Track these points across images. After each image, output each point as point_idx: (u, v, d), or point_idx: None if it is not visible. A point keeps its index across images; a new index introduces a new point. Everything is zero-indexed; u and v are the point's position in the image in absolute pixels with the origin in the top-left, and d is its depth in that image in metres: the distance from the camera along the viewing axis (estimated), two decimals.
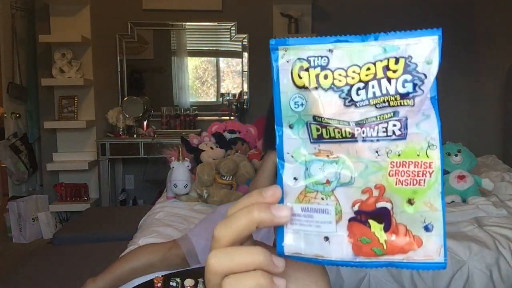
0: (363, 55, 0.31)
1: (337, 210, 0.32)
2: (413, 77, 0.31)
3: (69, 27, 3.54)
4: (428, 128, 0.31)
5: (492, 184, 2.18)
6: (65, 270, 1.82)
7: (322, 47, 0.32)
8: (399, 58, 0.31)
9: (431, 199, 0.31)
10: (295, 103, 0.33)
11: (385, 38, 0.31)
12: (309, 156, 0.33)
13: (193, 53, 4.00)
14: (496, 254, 1.55)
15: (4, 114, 3.75)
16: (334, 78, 0.32)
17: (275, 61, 0.33)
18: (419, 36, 0.31)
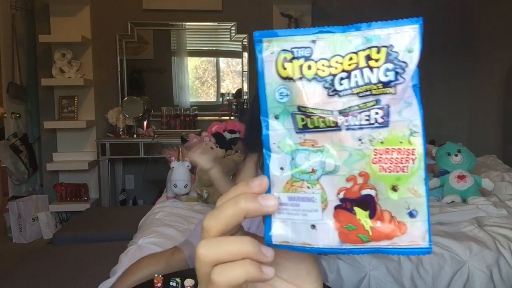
0: (345, 45, 0.32)
1: (323, 198, 0.33)
2: (395, 66, 0.31)
3: (69, 27, 3.54)
4: (410, 116, 0.32)
5: (492, 184, 2.18)
6: (65, 270, 1.82)
7: (305, 38, 0.32)
8: (380, 47, 0.31)
9: (415, 185, 0.32)
10: (280, 94, 0.33)
11: (367, 28, 0.31)
12: (295, 146, 0.33)
13: (193, 53, 4.00)
14: (496, 254, 1.55)
15: (4, 114, 3.75)
16: (317, 69, 0.32)
17: (260, 53, 0.33)
18: (400, 26, 0.31)
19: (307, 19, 3.72)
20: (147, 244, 1.69)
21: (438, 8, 3.88)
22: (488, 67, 3.69)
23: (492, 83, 3.60)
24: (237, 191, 0.33)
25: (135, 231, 1.98)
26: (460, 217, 1.89)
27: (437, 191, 2.26)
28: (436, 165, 2.34)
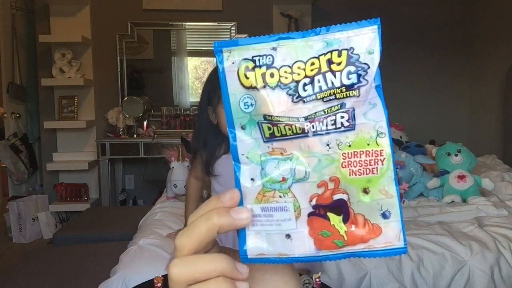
0: (306, 50, 0.32)
1: (296, 206, 0.32)
2: (357, 68, 0.31)
3: (69, 27, 3.54)
4: (375, 117, 0.32)
5: (492, 184, 2.18)
6: (65, 270, 1.82)
7: (265, 46, 0.33)
8: (341, 50, 0.31)
9: (386, 186, 0.32)
10: (245, 104, 0.33)
11: (326, 32, 0.31)
12: (264, 156, 0.33)
13: (193, 53, 4.00)
14: (497, 254, 1.55)
15: (4, 114, 3.75)
16: (280, 76, 0.32)
17: (221, 63, 0.33)
18: (359, 28, 0.31)
19: (307, 19, 3.72)
20: (147, 245, 1.69)
21: (438, 7, 3.88)
22: (488, 67, 3.69)
23: (492, 83, 3.60)
24: (209, 206, 0.32)
25: (135, 231, 1.98)
26: (460, 217, 1.89)
27: (437, 191, 2.26)
28: (436, 165, 2.34)
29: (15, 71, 3.76)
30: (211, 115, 1.44)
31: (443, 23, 3.89)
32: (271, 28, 3.71)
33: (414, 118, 3.84)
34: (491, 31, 3.64)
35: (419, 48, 3.88)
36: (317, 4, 3.75)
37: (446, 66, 3.94)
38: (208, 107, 1.44)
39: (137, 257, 1.59)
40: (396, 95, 3.92)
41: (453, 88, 3.97)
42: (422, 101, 3.94)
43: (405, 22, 3.85)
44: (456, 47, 3.92)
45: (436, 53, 3.90)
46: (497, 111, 3.49)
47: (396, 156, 2.41)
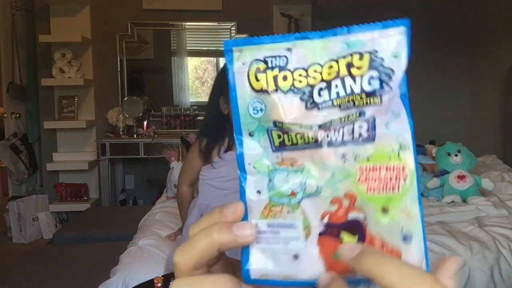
0: (324, 52, 0.29)
1: (305, 224, 0.29)
2: (380, 73, 0.28)
3: (69, 27, 3.54)
4: (399, 128, 0.29)
5: (492, 184, 2.18)
6: (65, 270, 1.82)
7: (280, 45, 0.30)
8: (363, 53, 0.28)
9: (408, 205, 0.28)
10: (254, 108, 0.30)
11: (348, 33, 0.28)
12: (272, 166, 0.30)
13: (193, 53, 4.00)
14: (497, 254, 1.55)
15: (4, 114, 3.75)
16: (294, 79, 0.29)
17: (230, 64, 0.30)
18: (385, 28, 0.28)
19: (307, 19, 3.72)
20: (147, 245, 1.69)
21: (438, 7, 3.88)
22: (488, 67, 3.69)
23: (492, 83, 3.60)
24: (211, 219, 0.30)
25: (135, 231, 1.98)
26: (460, 217, 1.89)
27: (437, 191, 2.26)
28: (436, 165, 2.34)
29: (15, 71, 3.76)
30: (222, 105, 1.45)
31: (443, 23, 3.89)
32: (271, 28, 3.71)
33: (414, 118, 3.82)
34: (491, 31, 3.64)
35: (419, 48, 3.88)
36: (317, 4, 3.75)
37: (446, 66, 3.94)
38: (220, 97, 1.45)
39: (137, 257, 1.59)
40: None
41: (453, 88, 3.97)
42: (422, 101, 3.94)
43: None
44: (456, 47, 3.92)
45: (436, 53, 3.90)
46: (497, 111, 3.49)
47: None
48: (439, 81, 3.94)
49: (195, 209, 1.55)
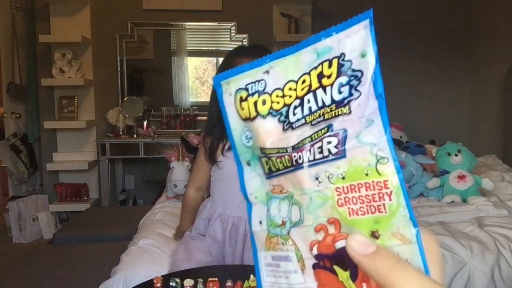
0: (298, 66, 0.28)
1: (298, 256, 0.28)
2: (349, 78, 0.26)
3: (69, 27, 3.54)
4: (373, 138, 0.25)
5: (492, 184, 2.18)
6: (65, 270, 1.82)
7: (258, 70, 0.29)
8: (332, 59, 0.26)
9: (400, 228, 0.25)
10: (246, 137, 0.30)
11: (316, 41, 0.27)
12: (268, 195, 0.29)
13: (193, 53, 4.00)
14: (497, 254, 1.55)
15: (4, 114, 3.75)
16: (272, 101, 0.29)
17: (221, 98, 0.30)
18: (349, 27, 0.27)
19: (307, 19, 3.72)
20: (147, 245, 1.69)
21: (438, 7, 3.88)
22: (488, 67, 3.69)
23: (492, 83, 3.60)
24: None
25: (135, 231, 1.98)
26: (460, 217, 1.89)
27: (437, 191, 2.26)
28: (436, 165, 2.34)
29: (15, 71, 3.76)
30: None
31: (443, 23, 3.89)
32: (271, 28, 3.71)
33: (414, 118, 3.84)
34: (491, 31, 3.64)
35: (419, 48, 3.88)
36: (317, 4, 3.75)
37: (446, 66, 3.94)
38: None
39: (138, 257, 1.59)
40: (396, 95, 3.91)
41: (453, 88, 3.97)
42: (422, 101, 3.94)
43: (405, 22, 3.85)
44: (456, 47, 3.92)
45: (436, 53, 3.90)
46: (497, 111, 3.49)
47: None
48: (439, 81, 3.94)
49: (204, 212, 1.54)
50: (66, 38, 3.47)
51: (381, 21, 4.29)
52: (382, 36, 4.19)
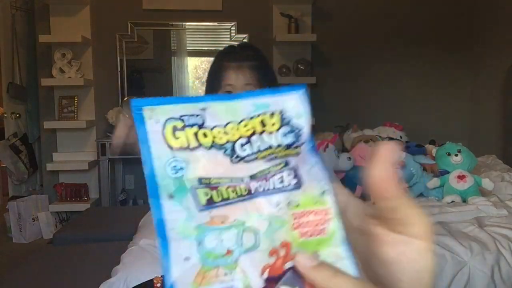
0: (237, 112, 0.29)
1: (246, 283, 0.28)
2: (292, 128, 0.30)
3: (69, 27, 3.54)
4: (318, 175, 0.31)
5: (492, 184, 2.18)
6: (65, 270, 1.82)
7: (194, 105, 0.29)
8: (273, 112, 0.30)
9: (336, 247, 0.29)
10: (173, 168, 0.28)
11: (255, 97, 0.30)
12: (200, 228, 0.28)
13: (193, 53, 4.00)
14: (497, 254, 1.55)
15: (4, 114, 3.75)
16: (214, 136, 0.29)
17: (141, 123, 0.28)
18: (285, 93, 0.30)
19: (307, 19, 3.72)
20: (148, 245, 1.69)
21: (438, 7, 3.87)
22: (488, 67, 3.69)
23: (492, 83, 3.60)
24: None
25: (135, 231, 1.98)
26: (460, 217, 1.88)
27: (437, 191, 2.26)
28: (436, 165, 2.34)
29: (15, 71, 3.76)
30: None
31: (444, 23, 3.89)
32: (271, 28, 3.71)
33: (414, 118, 3.84)
34: (491, 31, 3.64)
35: (419, 48, 3.88)
36: (317, 4, 3.75)
37: (446, 66, 3.94)
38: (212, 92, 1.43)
39: (138, 257, 1.59)
40: (396, 95, 3.92)
41: (453, 88, 3.97)
42: (422, 101, 3.94)
43: (405, 22, 3.85)
44: (456, 47, 3.92)
45: (436, 53, 3.90)
46: (497, 111, 3.49)
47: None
48: (439, 81, 3.94)
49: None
50: (66, 38, 3.47)
51: (381, 21, 4.29)
52: (382, 36, 4.18)
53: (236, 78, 1.33)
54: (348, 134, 3.02)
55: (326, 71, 3.84)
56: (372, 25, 3.82)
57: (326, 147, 2.25)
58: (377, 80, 3.89)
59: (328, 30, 3.78)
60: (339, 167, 2.29)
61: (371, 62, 3.87)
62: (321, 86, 3.83)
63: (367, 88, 3.90)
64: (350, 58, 3.86)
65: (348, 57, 3.86)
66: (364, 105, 3.89)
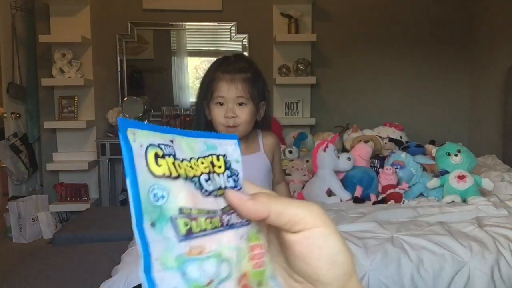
0: (194, 149, 0.32)
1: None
2: (232, 172, 0.33)
3: (69, 27, 3.54)
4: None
5: (492, 184, 2.18)
6: (65, 270, 1.82)
7: (165, 136, 0.30)
8: (219, 155, 0.33)
9: (270, 277, 0.33)
10: (155, 195, 0.28)
11: (206, 137, 0.33)
12: (181, 258, 0.28)
13: (193, 53, 4.00)
14: (497, 254, 1.55)
15: (4, 114, 3.75)
16: (185, 169, 0.30)
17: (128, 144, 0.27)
18: (224, 139, 0.34)
19: (307, 19, 3.72)
20: None
21: (438, 7, 3.87)
22: (488, 67, 3.69)
23: (492, 83, 3.60)
24: None
25: None
26: (460, 217, 1.89)
27: (437, 191, 2.26)
28: (436, 165, 2.34)
29: (15, 71, 3.76)
30: (206, 109, 1.44)
31: (443, 23, 3.89)
32: (271, 28, 3.71)
33: (414, 118, 3.84)
34: (491, 31, 3.64)
35: (419, 48, 3.88)
36: (317, 4, 3.75)
37: (446, 66, 3.94)
38: (204, 101, 1.43)
39: (139, 257, 1.59)
40: (396, 95, 3.92)
41: (453, 88, 3.97)
42: (422, 101, 3.94)
43: (405, 21, 3.85)
44: (456, 47, 3.92)
45: (436, 53, 3.90)
46: (497, 111, 3.49)
47: (396, 156, 2.41)
48: (439, 81, 3.94)
49: None
50: (66, 38, 3.47)
51: (381, 21, 4.28)
52: (382, 36, 4.16)
53: (228, 90, 1.35)
54: (348, 134, 3.02)
55: (326, 71, 3.84)
56: (372, 25, 3.82)
57: (326, 147, 2.25)
58: (377, 80, 3.89)
59: (328, 30, 3.78)
60: (339, 167, 2.29)
61: (371, 62, 3.87)
62: (321, 86, 3.83)
63: (367, 88, 3.90)
64: (350, 58, 3.86)
65: (348, 57, 3.86)
66: (364, 105, 3.89)
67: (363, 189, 2.28)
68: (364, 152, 2.48)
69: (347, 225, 1.79)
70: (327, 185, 2.25)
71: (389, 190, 2.24)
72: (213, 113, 1.38)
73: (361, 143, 2.57)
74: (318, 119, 3.78)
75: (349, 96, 3.90)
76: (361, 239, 1.63)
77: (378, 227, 1.74)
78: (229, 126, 1.36)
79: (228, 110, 1.35)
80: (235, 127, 1.37)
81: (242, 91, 1.35)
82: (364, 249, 1.56)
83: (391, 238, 1.63)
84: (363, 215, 1.93)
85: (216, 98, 1.36)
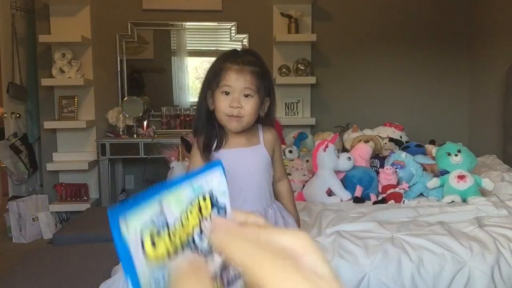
0: (182, 201, 0.31)
1: None
2: (219, 207, 0.33)
3: (69, 27, 3.54)
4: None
5: (492, 184, 2.18)
6: (65, 270, 1.82)
7: (152, 201, 0.29)
8: (205, 195, 0.32)
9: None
10: (155, 280, 0.27)
11: (190, 179, 0.32)
12: None
13: (193, 53, 3.99)
14: (497, 254, 1.55)
15: (4, 114, 3.75)
16: (179, 235, 0.29)
17: (120, 236, 0.27)
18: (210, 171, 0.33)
19: (307, 19, 3.72)
20: None
21: (438, 7, 3.87)
22: (488, 66, 3.69)
23: (492, 83, 3.60)
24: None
25: None
26: (460, 217, 1.89)
27: (437, 191, 2.26)
28: (436, 165, 2.34)
29: (15, 71, 3.76)
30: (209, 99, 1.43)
31: (443, 23, 3.89)
32: (271, 28, 3.71)
33: (414, 118, 3.84)
34: (491, 31, 3.64)
35: (419, 48, 3.88)
36: (317, 4, 3.75)
37: (446, 66, 3.94)
38: (208, 92, 1.42)
39: None
40: (396, 95, 3.92)
41: (453, 88, 3.97)
42: (422, 101, 3.94)
43: (405, 21, 3.85)
44: (456, 47, 3.92)
45: (436, 53, 3.90)
46: (497, 111, 3.49)
47: (396, 156, 2.41)
48: (439, 81, 3.94)
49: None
50: (66, 38, 3.47)
51: (381, 21, 4.28)
52: (382, 36, 4.16)
53: (237, 80, 1.33)
54: (348, 134, 3.02)
55: (326, 71, 3.84)
56: (372, 25, 3.82)
57: (326, 147, 2.25)
58: (377, 80, 3.89)
59: (328, 30, 3.78)
60: (339, 167, 2.29)
61: (371, 62, 3.87)
62: (321, 86, 3.83)
63: (367, 88, 3.90)
64: (350, 58, 3.86)
65: (348, 57, 3.86)
66: (364, 105, 3.89)
67: (363, 189, 2.28)
68: (364, 152, 2.48)
69: (347, 225, 1.79)
70: (327, 185, 2.25)
71: (389, 190, 2.24)
72: (217, 102, 1.36)
73: (361, 143, 2.57)
74: (318, 119, 3.78)
75: (349, 96, 3.90)
76: (361, 239, 1.63)
77: (378, 227, 1.74)
78: (233, 115, 1.35)
79: (234, 100, 1.34)
80: (238, 117, 1.36)
81: (250, 82, 1.34)
82: (364, 249, 1.56)
83: (391, 238, 1.63)
84: (363, 215, 1.93)
85: (223, 87, 1.35)
